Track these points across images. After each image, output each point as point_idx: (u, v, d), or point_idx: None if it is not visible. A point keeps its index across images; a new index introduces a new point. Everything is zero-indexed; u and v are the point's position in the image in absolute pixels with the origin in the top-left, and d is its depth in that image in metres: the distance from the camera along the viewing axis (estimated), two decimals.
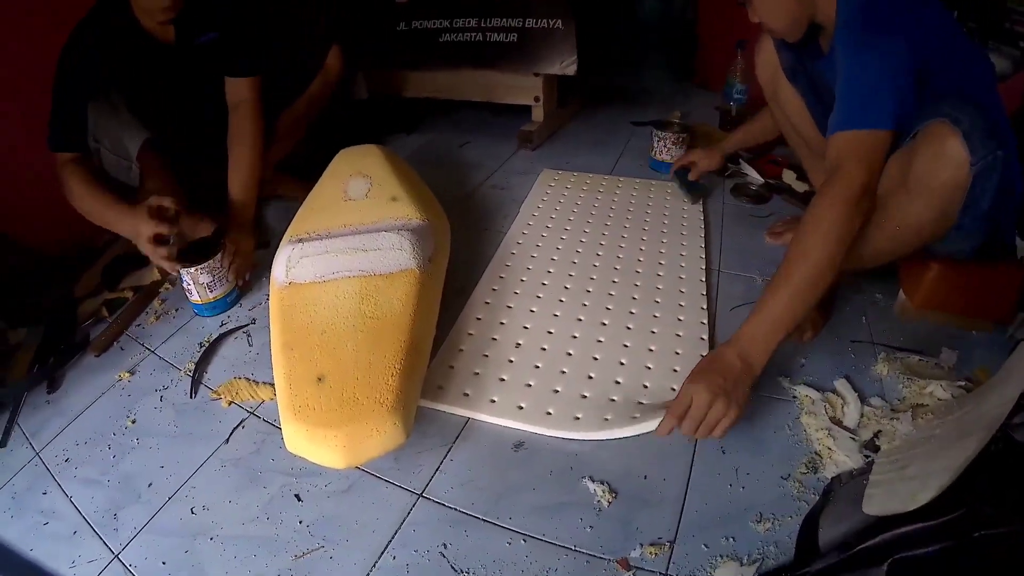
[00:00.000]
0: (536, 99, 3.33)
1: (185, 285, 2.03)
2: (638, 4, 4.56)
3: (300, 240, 1.97)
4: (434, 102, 3.59)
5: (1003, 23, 2.53)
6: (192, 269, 1.99)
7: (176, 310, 2.12)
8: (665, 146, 2.90)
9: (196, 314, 2.09)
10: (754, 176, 2.78)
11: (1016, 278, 1.81)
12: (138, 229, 2.00)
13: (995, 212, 1.57)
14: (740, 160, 2.84)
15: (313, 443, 1.43)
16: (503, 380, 1.74)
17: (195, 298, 2.05)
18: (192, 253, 2.06)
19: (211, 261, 2.01)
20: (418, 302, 1.72)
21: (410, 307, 1.69)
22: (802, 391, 1.65)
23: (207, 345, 1.99)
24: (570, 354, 1.82)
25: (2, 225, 2.44)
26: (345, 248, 1.87)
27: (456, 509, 1.44)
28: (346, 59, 2.91)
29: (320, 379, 1.55)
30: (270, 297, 1.85)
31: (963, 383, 1.63)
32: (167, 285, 2.32)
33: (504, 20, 3.19)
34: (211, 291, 2.03)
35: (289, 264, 1.87)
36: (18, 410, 1.85)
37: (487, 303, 2.04)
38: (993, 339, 1.83)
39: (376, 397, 1.48)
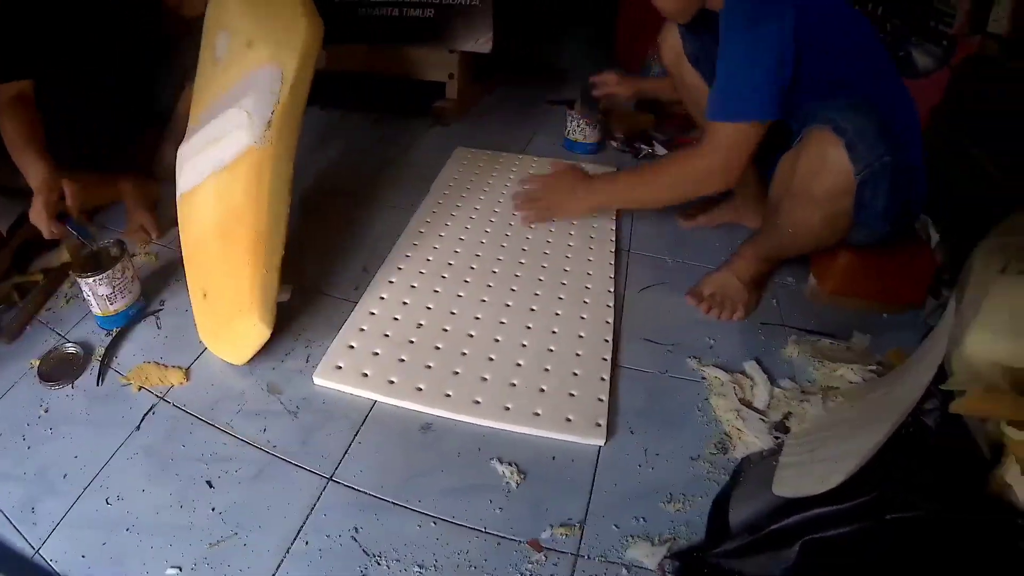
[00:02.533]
0: (451, 76, 3.31)
1: (85, 296, 1.93)
2: None
3: (188, 137, 1.98)
4: (348, 76, 3.53)
5: (928, 21, 2.57)
6: (90, 279, 1.87)
7: (83, 297, 2.02)
8: (579, 126, 2.89)
9: (98, 326, 1.99)
10: None
11: (927, 264, 1.85)
12: (48, 189, 1.94)
13: (894, 208, 1.60)
14: (654, 142, 2.84)
15: (215, 350, 1.79)
16: (403, 361, 1.71)
17: (95, 310, 1.94)
18: (90, 260, 1.97)
19: (110, 272, 1.89)
20: (258, 186, 1.73)
21: (251, 197, 1.73)
22: (711, 372, 1.66)
23: (117, 331, 1.93)
24: (472, 336, 1.79)
25: None
26: (204, 143, 1.87)
27: (366, 493, 1.43)
28: None
29: (204, 295, 1.83)
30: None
31: (874, 367, 1.65)
32: (71, 272, 2.22)
33: None
34: (111, 303, 1.92)
35: (178, 173, 1.94)
36: None
37: (391, 282, 2.00)
38: (905, 321, 1.86)
39: (238, 303, 1.70)
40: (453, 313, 1.87)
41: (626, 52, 3.94)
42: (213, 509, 1.40)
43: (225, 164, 1.79)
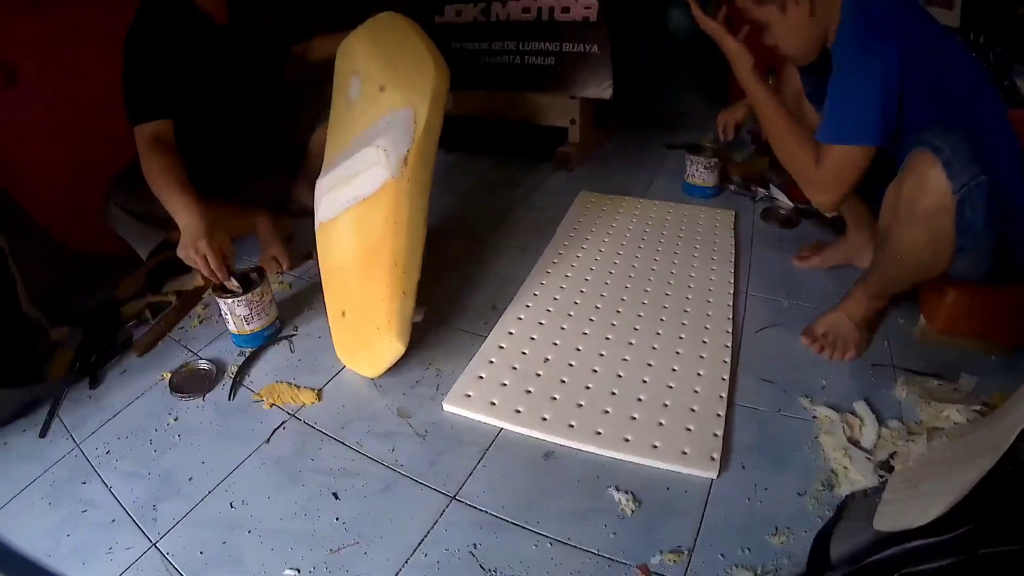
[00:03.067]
0: (572, 121, 3.39)
1: (222, 314, 2.06)
2: (670, 25, 4.60)
3: (324, 173, 2.13)
4: (472, 120, 3.63)
5: None
6: (229, 300, 2.00)
7: (219, 316, 2.14)
8: (697, 170, 2.94)
9: (233, 343, 2.11)
10: (784, 200, 2.80)
11: None
12: (198, 235, 2.04)
13: (994, 232, 1.62)
14: (771, 184, 2.88)
15: (351, 364, 1.95)
16: (529, 392, 1.79)
17: (231, 328, 2.06)
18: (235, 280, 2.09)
19: (249, 295, 2.01)
20: (396, 215, 1.88)
21: (391, 225, 1.87)
22: (822, 411, 1.68)
23: (251, 351, 2.05)
24: (596, 371, 1.86)
25: (49, 227, 2.53)
26: (343, 177, 2.01)
27: (487, 512, 1.49)
28: None
29: (344, 314, 1.98)
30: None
31: (979, 407, 1.64)
32: (210, 291, 2.35)
33: (542, 44, 3.26)
34: (248, 324, 2.04)
35: (316, 206, 2.08)
36: (59, 404, 1.91)
37: (519, 319, 2.09)
38: (1012, 364, 1.85)
39: (375, 323, 1.84)
40: (578, 349, 1.94)
41: (738, 93, 3.97)
42: (337, 519, 1.49)
43: (364, 197, 1.94)
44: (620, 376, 1.84)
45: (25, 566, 1.45)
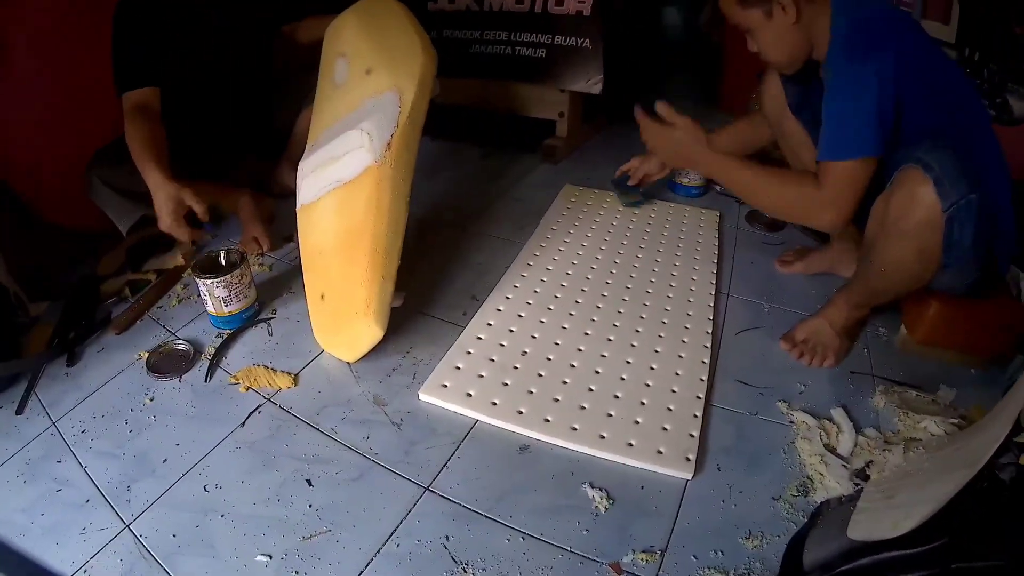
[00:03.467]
0: (561, 114, 3.38)
1: (201, 295, 2.05)
2: (663, 23, 4.60)
3: (307, 154, 2.13)
4: (460, 109, 3.62)
5: (1022, 66, 2.57)
6: (208, 280, 2.00)
7: (198, 296, 2.12)
8: (685, 170, 2.93)
9: (212, 324, 2.11)
10: None
11: (1016, 316, 1.85)
12: (168, 198, 2.09)
13: (981, 248, 1.63)
14: None
15: (328, 347, 1.97)
16: (506, 384, 1.79)
17: (210, 309, 2.06)
18: (209, 263, 2.10)
19: (228, 276, 2.01)
20: (378, 200, 1.88)
21: (372, 209, 1.86)
22: (799, 417, 1.68)
23: (228, 333, 2.05)
24: (573, 366, 1.86)
25: (31, 202, 2.52)
26: (326, 159, 2.01)
27: (460, 504, 1.49)
28: None
29: (323, 297, 1.99)
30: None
31: (956, 420, 1.65)
32: (190, 271, 2.36)
33: (534, 36, 3.25)
34: (226, 305, 2.04)
35: (298, 187, 2.08)
36: (36, 380, 1.90)
37: (499, 310, 2.09)
38: (992, 378, 1.86)
39: (354, 307, 1.85)
40: (557, 343, 1.94)
41: (731, 95, 3.98)
42: (310, 506, 1.49)
43: (345, 180, 1.93)
44: (598, 372, 1.84)
45: (22, 564, 1.43)
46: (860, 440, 1.62)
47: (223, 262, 2.12)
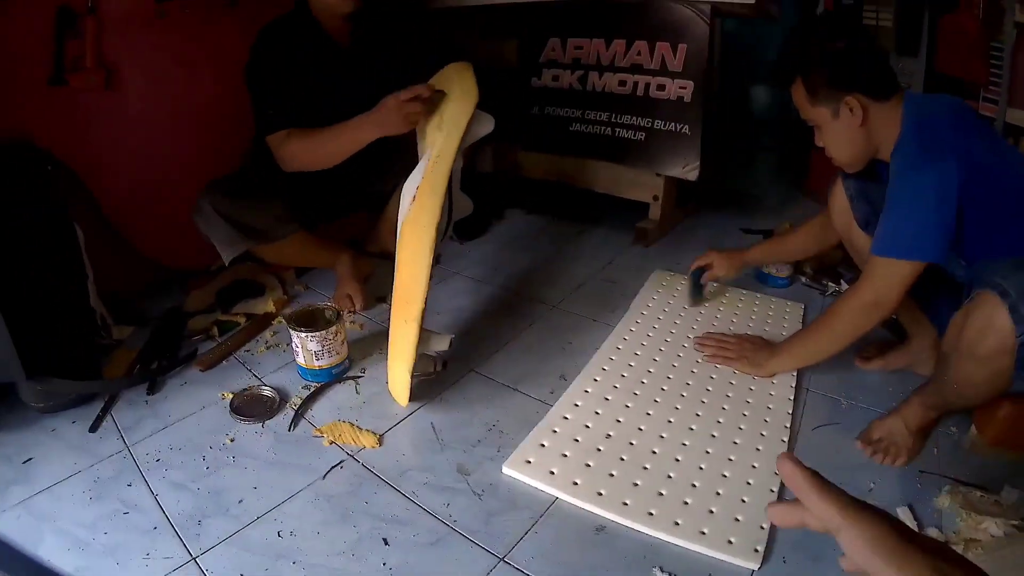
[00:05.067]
0: (655, 198, 3.44)
1: (293, 345, 2.12)
2: (753, 103, 4.64)
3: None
4: (555, 185, 3.72)
5: None
6: (303, 333, 2.06)
7: (287, 345, 2.22)
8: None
9: (300, 375, 2.17)
10: None
11: None
12: (395, 106, 2.16)
13: None
14: (842, 280, 2.90)
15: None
16: (588, 465, 1.82)
17: (300, 360, 2.12)
18: (305, 316, 2.18)
19: (323, 332, 2.07)
20: (399, 251, 2.04)
21: (399, 260, 2.03)
22: None
23: (316, 386, 2.12)
24: (655, 452, 1.89)
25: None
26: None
27: None
28: None
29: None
30: None
31: (1017, 522, 1.65)
32: (280, 319, 2.45)
33: (634, 118, 3.33)
34: (317, 359, 2.10)
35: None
36: (113, 403, 2.00)
37: (586, 392, 2.13)
38: None
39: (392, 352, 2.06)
40: (640, 429, 1.98)
41: (818, 178, 3.98)
42: (384, 564, 1.52)
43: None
44: (678, 460, 1.87)
45: (23, 564, 1.50)
46: None
47: (317, 317, 2.19)
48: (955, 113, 1.83)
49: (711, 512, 1.69)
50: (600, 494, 1.74)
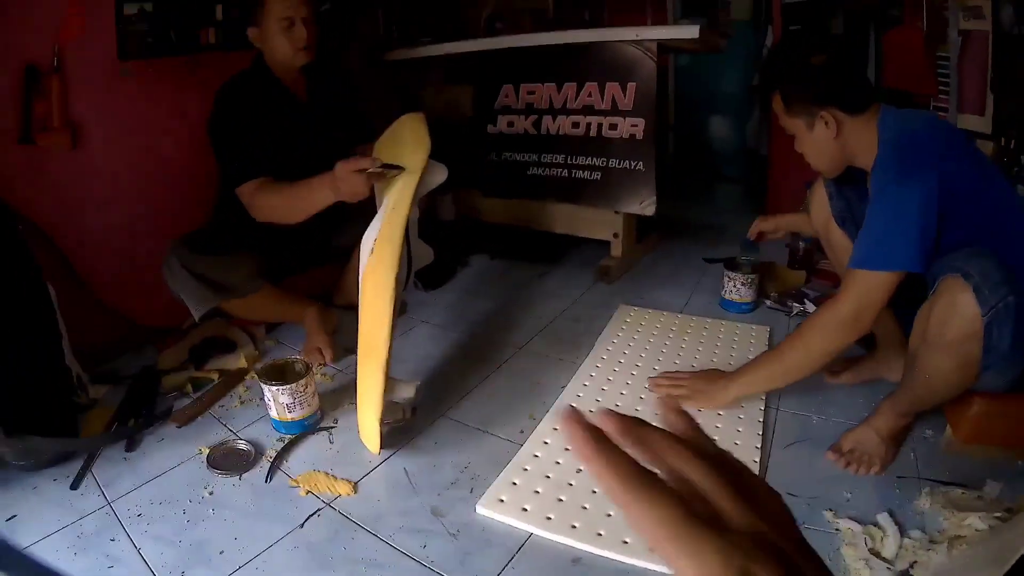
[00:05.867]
0: (615, 235, 3.49)
1: (266, 399, 2.13)
2: (711, 134, 4.69)
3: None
4: (516, 229, 3.77)
5: None
6: (274, 387, 2.08)
7: (260, 399, 2.22)
8: (735, 286, 3.01)
9: (273, 428, 2.18)
10: None
11: None
12: (343, 176, 2.16)
13: (1019, 347, 1.65)
14: (806, 300, 2.95)
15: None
16: (561, 500, 1.82)
17: (273, 413, 2.13)
18: (275, 370, 2.19)
19: (294, 384, 2.09)
20: (361, 303, 2.07)
21: (362, 311, 2.07)
22: (845, 524, 1.70)
23: (290, 438, 2.12)
24: None
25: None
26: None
27: None
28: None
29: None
30: None
31: (1001, 514, 1.66)
32: (253, 374, 2.46)
33: (589, 159, 3.37)
34: (290, 412, 2.11)
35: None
36: (93, 460, 1.99)
37: (555, 429, 2.12)
38: None
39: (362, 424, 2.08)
40: None
41: (776, 204, 4.05)
42: None
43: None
44: None
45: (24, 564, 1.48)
46: (905, 542, 1.63)
47: (288, 370, 2.20)
48: (934, 128, 1.86)
49: None
50: (574, 527, 1.73)
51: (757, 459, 1.99)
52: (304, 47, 2.49)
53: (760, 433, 2.10)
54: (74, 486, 1.91)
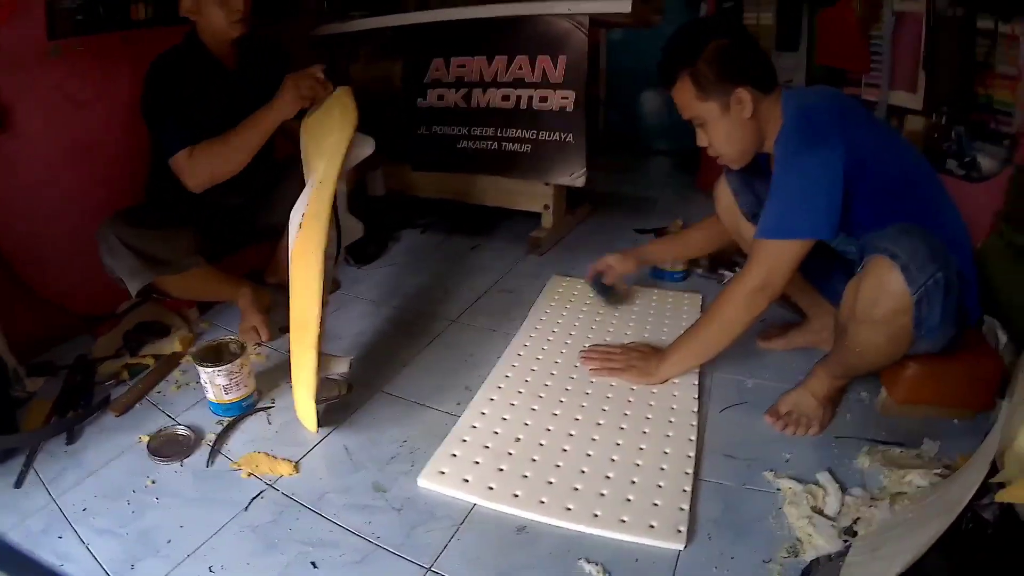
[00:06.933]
0: (546, 206, 3.49)
1: (202, 382, 2.10)
2: (642, 108, 4.69)
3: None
4: (448, 203, 3.76)
5: (988, 124, 2.68)
6: (209, 369, 2.05)
7: (197, 383, 2.18)
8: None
9: (211, 411, 2.15)
10: None
11: (993, 369, 1.90)
12: (289, 92, 2.28)
13: (949, 316, 1.68)
14: (736, 268, 2.97)
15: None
16: (502, 469, 1.82)
17: (210, 396, 2.10)
18: (210, 352, 2.15)
19: (229, 366, 2.06)
20: (290, 280, 2.04)
21: (292, 287, 2.04)
22: (786, 484, 1.71)
23: (228, 420, 2.09)
24: (565, 450, 1.89)
25: (26, 274, 2.54)
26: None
27: None
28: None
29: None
30: None
31: (940, 471, 1.70)
32: (188, 357, 2.42)
33: (519, 131, 3.35)
34: (226, 393, 2.08)
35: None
36: (34, 456, 1.93)
37: (491, 400, 2.13)
38: (974, 427, 1.90)
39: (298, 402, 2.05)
40: (549, 429, 1.98)
41: (708, 174, 4.01)
42: None
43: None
44: (589, 455, 1.87)
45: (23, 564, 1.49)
46: (847, 500, 1.65)
47: (223, 351, 2.16)
48: (834, 100, 1.88)
49: (628, 500, 1.70)
50: (516, 495, 1.74)
51: (694, 423, 2.00)
52: (239, 19, 2.45)
53: (696, 397, 2.12)
54: (17, 484, 1.86)
